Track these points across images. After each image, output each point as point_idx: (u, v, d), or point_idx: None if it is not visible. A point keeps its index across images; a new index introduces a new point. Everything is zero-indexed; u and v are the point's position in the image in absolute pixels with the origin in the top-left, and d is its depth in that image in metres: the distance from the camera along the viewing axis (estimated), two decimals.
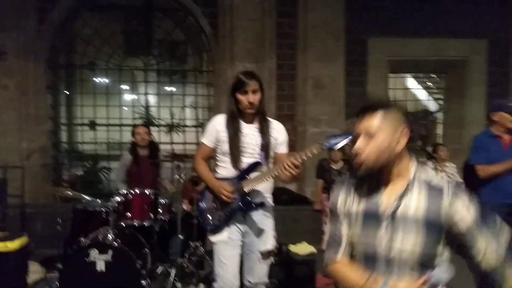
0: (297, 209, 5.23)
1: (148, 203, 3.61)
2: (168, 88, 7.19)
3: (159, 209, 3.74)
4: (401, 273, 1.32)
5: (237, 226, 2.45)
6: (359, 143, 1.41)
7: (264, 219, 2.50)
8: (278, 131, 2.53)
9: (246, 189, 2.37)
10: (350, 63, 6.18)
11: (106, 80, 7.08)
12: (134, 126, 4.40)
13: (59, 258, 3.24)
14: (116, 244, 3.22)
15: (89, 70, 6.75)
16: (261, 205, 2.44)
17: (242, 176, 2.40)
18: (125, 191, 3.62)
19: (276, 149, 2.51)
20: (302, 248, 3.34)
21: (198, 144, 2.60)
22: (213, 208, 2.46)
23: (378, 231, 1.36)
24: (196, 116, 6.96)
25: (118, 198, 3.54)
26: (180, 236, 3.65)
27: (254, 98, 2.37)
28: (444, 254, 1.36)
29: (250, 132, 2.44)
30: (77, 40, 6.69)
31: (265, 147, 2.44)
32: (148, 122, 6.56)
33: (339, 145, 2.15)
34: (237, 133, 2.41)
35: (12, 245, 2.73)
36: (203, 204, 2.53)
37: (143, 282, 3.27)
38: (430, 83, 8.42)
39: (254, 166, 2.40)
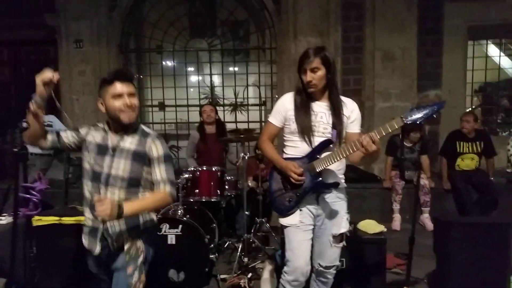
0: (365, 187, 5.05)
1: (215, 179, 3.68)
2: (232, 68, 7.22)
3: (226, 186, 3.80)
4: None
5: (309, 209, 2.34)
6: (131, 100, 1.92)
7: (337, 201, 2.37)
8: (351, 110, 2.37)
9: (317, 169, 2.26)
10: (424, 31, 5.76)
11: (173, 63, 7.28)
12: (202, 105, 4.50)
13: None
14: (185, 219, 3.32)
15: (157, 53, 6.97)
16: (334, 186, 2.31)
17: (313, 155, 2.28)
18: (193, 168, 3.72)
19: (348, 128, 2.36)
20: (371, 227, 3.20)
21: (265, 123, 2.52)
22: (282, 189, 2.37)
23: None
24: (259, 95, 6.94)
25: (186, 175, 3.64)
26: (246, 212, 3.68)
27: (313, 76, 2.24)
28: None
29: (320, 110, 2.32)
30: (145, 25, 6.92)
31: (337, 125, 2.30)
32: (213, 101, 6.67)
33: (424, 119, 1.99)
34: (307, 112, 2.30)
35: None
36: (271, 185, 2.44)
37: (211, 256, 3.36)
38: None
39: (325, 145, 2.27)
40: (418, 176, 3.30)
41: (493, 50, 7.14)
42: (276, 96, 6.41)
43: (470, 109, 6.26)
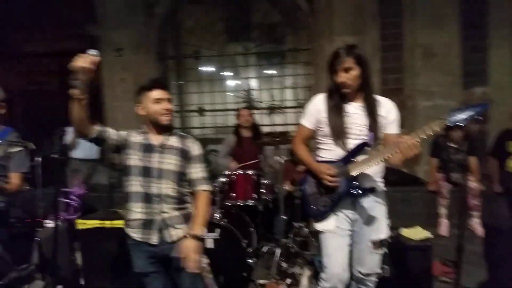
0: (408, 191, 4.86)
1: (251, 183, 3.66)
2: (268, 71, 7.22)
3: (262, 189, 3.77)
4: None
5: (345, 214, 2.27)
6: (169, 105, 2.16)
7: (375, 206, 2.28)
8: (388, 110, 2.27)
9: (353, 173, 2.18)
10: (467, 25, 5.46)
11: (210, 68, 7.37)
12: (239, 108, 4.50)
13: None
14: (223, 223, 3.32)
15: (194, 59, 7.08)
16: (371, 191, 2.21)
17: (348, 159, 2.20)
18: (229, 172, 3.72)
19: (386, 130, 2.26)
20: (416, 233, 3.05)
21: (298, 125, 2.47)
22: (316, 193, 2.31)
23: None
24: (296, 97, 6.88)
25: (222, 179, 3.64)
26: (283, 217, 3.63)
27: (346, 77, 2.15)
28: None
29: (355, 112, 2.23)
30: (182, 31, 7.05)
31: (373, 127, 2.21)
32: (250, 105, 6.68)
33: (465, 120, 1.87)
34: (340, 114, 2.22)
35: None
36: (305, 189, 2.37)
37: (249, 260, 3.34)
38: None
39: (361, 148, 2.18)
40: (466, 179, 3.11)
41: None
42: (308, 98, 6.31)
43: None
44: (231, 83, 7.75)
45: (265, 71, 7.25)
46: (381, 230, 2.29)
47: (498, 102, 5.40)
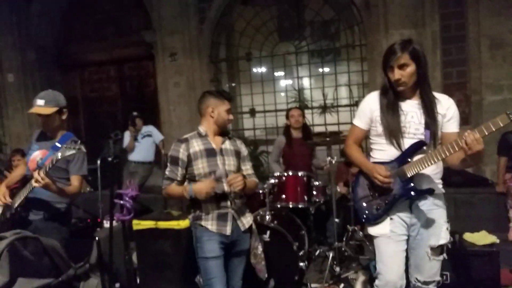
0: (473, 192, 4.53)
1: (302, 185, 3.59)
2: (320, 69, 7.07)
3: (313, 191, 3.68)
4: None
5: (401, 218, 2.14)
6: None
7: (434, 209, 2.14)
8: (447, 107, 2.13)
9: (408, 174, 2.05)
10: None
11: (262, 69, 7.38)
12: (289, 109, 4.44)
13: None
14: (273, 225, 3.28)
15: (246, 60, 7.11)
16: (429, 192, 2.07)
17: (403, 159, 2.08)
18: (279, 173, 3.68)
19: (444, 128, 2.12)
20: (480, 238, 2.82)
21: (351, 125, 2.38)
22: (369, 196, 2.20)
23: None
24: (350, 95, 6.67)
25: (272, 180, 3.61)
26: (336, 220, 3.52)
27: (402, 73, 2.03)
28: None
29: (411, 110, 2.12)
30: (233, 34, 7.12)
31: (431, 125, 2.08)
32: (302, 105, 6.58)
33: None
34: (395, 112, 2.11)
35: (184, 223, 3.03)
36: (357, 192, 2.28)
37: (301, 263, 3.27)
38: None
39: (417, 147, 2.06)
40: None
41: None
42: (363, 96, 6.10)
43: None
44: (283, 83, 7.70)
45: (318, 69, 7.12)
46: (441, 234, 2.14)
47: None
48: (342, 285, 3.21)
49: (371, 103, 2.21)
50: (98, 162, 2.76)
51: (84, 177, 2.78)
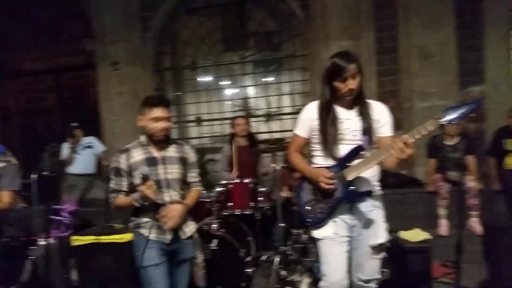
0: (407, 192, 4.82)
1: (248, 192, 3.63)
2: (264, 78, 7.24)
3: (260, 197, 3.74)
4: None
5: (343, 220, 2.23)
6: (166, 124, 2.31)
7: (373, 210, 2.25)
8: (380, 113, 2.26)
9: (349, 178, 2.16)
10: (462, 25, 5.45)
11: (207, 78, 7.40)
12: (234, 117, 4.48)
13: None
14: (220, 233, 3.29)
15: (191, 69, 7.11)
16: (368, 194, 2.20)
17: (343, 164, 2.19)
18: (226, 181, 3.70)
19: (379, 133, 2.25)
20: (414, 235, 3.02)
21: (292, 135, 2.46)
22: (313, 200, 2.29)
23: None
24: (293, 103, 6.88)
25: (219, 189, 3.62)
26: (281, 224, 3.60)
27: (354, 83, 2.14)
28: None
29: (348, 117, 2.23)
30: (178, 43, 7.09)
31: (367, 130, 2.20)
32: (245, 113, 6.68)
33: (460, 118, 1.85)
34: (333, 121, 2.21)
35: (128, 236, 2.95)
36: (301, 197, 2.34)
37: (248, 270, 3.31)
38: None
39: (355, 152, 2.17)
40: (464, 179, 3.08)
41: None
42: (305, 105, 6.31)
43: None
44: (228, 92, 7.78)
45: (262, 79, 7.28)
46: (380, 234, 2.26)
47: (494, 100, 5.37)
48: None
49: (310, 112, 2.29)
50: (33, 176, 2.63)
51: (17, 192, 2.64)
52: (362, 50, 5.60)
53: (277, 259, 3.55)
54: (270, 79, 7.16)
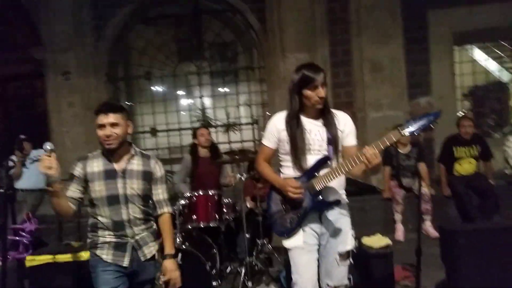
0: (365, 199, 4.98)
1: (213, 203, 3.59)
2: (222, 89, 7.24)
3: (224, 209, 3.71)
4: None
5: (312, 229, 2.26)
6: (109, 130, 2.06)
7: (340, 218, 2.29)
8: (344, 122, 2.31)
9: (317, 187, 2.19)
10: (410, 40, 5.82)
11: (163, 88, 7.28)
12: (196, 128, 4.40)
13: None
14: (184, 247, 3.22)
15: (146, 79, 6.96)
16: (336, 203, 2.23)
17: (311, 174, 2.22)
18: (189, 194, 3.63)
19: (344, 142, 2.30)
20: (376, 240, 3.12)
21: (259, 142, 2.48)
22: (282, 210, 2.30)
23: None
24: (251, 114, 6.93)
25: (183, 201, 3.55)
26: (247, 235, 3.58)
27: (324, 92, 2.19)
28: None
29: (314, 128, 2.26)
30: (132, 52, 6.94)
31: (333, 141, 2.24)
32: (205, 123, 6.64)
33: (421, 130, 1.96)
34: (301, 131, 2.24)
35: (87, 254, 2.81)
36: (271, 207, 2.36)
37: (214, 282, 3.26)
38: (500, 53, 7.68)
39: (322, 162, 2.21)
40: (419, 185, 3.24)
41: (478, 54, 7.24)
42: (268, 113, 6.40)
43: (461, 113, 6.27)
44: (184, 102, 7.69)
45: (219, 89, 7.27)
46: (347, 241, 2.31)
47: (440, 110, 5.72)
48: None
49: (278, 123, 2.31)
50: None
51: None
52: (317, 63, 5.65)
53: (242, 270, 3.54)
54: (228, 90, 7.17)
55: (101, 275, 2.09)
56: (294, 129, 2.24)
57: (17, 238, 1.96)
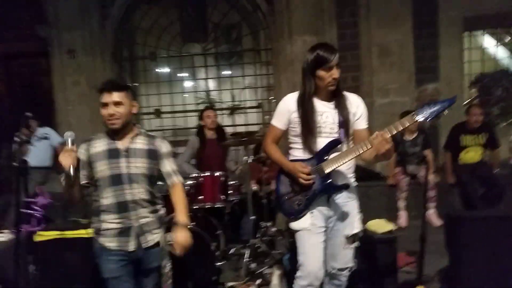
0: (369, 186, 4.97)
1: (219, 185, 3.60)
2: (227, 71, 7.18)
3: (229, 191, 3.72)
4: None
5: (320, 211, 2.27)
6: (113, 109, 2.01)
7: (348, 202, 2.31)
8: (356, 105, 2.29)
9: (327, 171, 2.19)
10: (419, 25, 5.71)
11: (168, 69, 7.23)
12: (203, 110, 4.38)
13: None
14: (190, 227, 3.23)
15: (151, 60, 6.91)
16: (345, 188, 2.24)
17: (321, 157, 2.21)
18: (195, 174, 3.64)
19: (355, 125, 2.28)
20: (380, 226, 3.13)
21: (263, 125, 2.47)
22: (291, 192, 2.30)
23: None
24: (256, 96, 6.89)
25: (189, 182, 3.56)
26: (253, 217, 3.61)
27: (337, 73, 2.18)
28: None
29: (326, 110, 2.24)
30: (138, 32, 6.86)
31: (344, 123, 2.23)
32: (210, 106, 6.60)
33: (434, 116, 1.94)
34: (312, 113, 2.22)
35: None
36: (279, 189, 2.36)
37: (218, 263, 3.29)
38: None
39: (333, 145, 2.21)
40: (427, 172, 3.23)
41: (488, 41, 7.11)
42: (272, 98, 6.37)
43: (468, 101, 6.22)
44: (189, 84, 7.64)
45: (224, 72, 7.21)
46: (354, 224, 2.32)
47: (447, 97, 5.67)
48: (259, 280, 3.29)
49: (289, 104, 2.29)
50: None
51: None
52: None
53: (246, 252, 3.57)
54: (233, 72, 7.12)
55: (105, 263, 2.08)
56: (306, 110, 2.23)
57: (29, 211, 1.97)
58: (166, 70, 7.26)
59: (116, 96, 2.02)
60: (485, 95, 6.68)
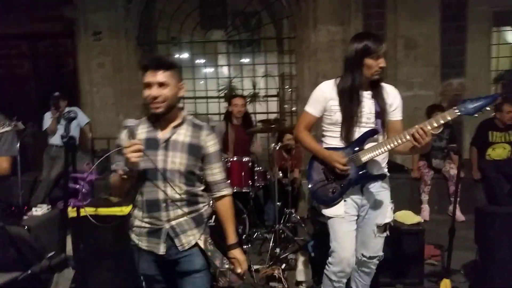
0: (392, 178, 4.94)
1: (246, 170, 3.65)
2: (249, 59, 7.17)
3: (255, 176, 3.76)
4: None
5: (353, 200, 2.29)
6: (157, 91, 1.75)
7: (381, 191, 2.33)
8: (393, 96, 2.31)
9: (363, 160, 2.20)
10: (447, 18, 5.63)
11: (191, 54, 7.24)
12: (232, 96, 4.39)
13: None
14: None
15: (173, 45, 6.92)
16: (381, 178, 2.26)
17: (357, 146, 2.22)
18: (223, 159, 3.68)
19: (391, 116, 2.28)
20: (408, 217, 3.15)
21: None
22: (324, 180, 2.30)
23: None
24: (278, 85, 6.88)
25: None
26: (278, 203, 3.65)
27: (384, 62, 2.20)
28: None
29: (363, 100, 2.25)
30: (162, 17, 6.86)
31: (381, 114, 2.23)
32: (231, 93, 6.62)
33: (477, 111, 1.94)
34: (358, 104, 2.22)
35: (127, 209, 2.89)
36: (312, 176, 2.36)
37: (244, 246, 3.34)
38: None
39: (370, 135, 2.21)
40: (459, 166, 3.21)
41: None
42: (287, 87, 6.32)
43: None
44: (210, 70, 7.65)
45: (246, 59, 7.20)
46: (386, 214, 2.34)
47: (473, 93, 5.61)
48: (283, 265, 3.33)
49: (327, 92, 2.29)
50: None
51: (14, 158, 2.51)
52: (350, 36, 5.62)
53: (271, 237, 3.62)
54: (256, 59, 7.10)
55: (140, 260, 1.88)
56: (352, 101, 2.22)
57: (77, 186, 2.00)
58: (188, 55, 7.27)
59: (161, 75, 1.74)
60: (509, 92, 6.59)
